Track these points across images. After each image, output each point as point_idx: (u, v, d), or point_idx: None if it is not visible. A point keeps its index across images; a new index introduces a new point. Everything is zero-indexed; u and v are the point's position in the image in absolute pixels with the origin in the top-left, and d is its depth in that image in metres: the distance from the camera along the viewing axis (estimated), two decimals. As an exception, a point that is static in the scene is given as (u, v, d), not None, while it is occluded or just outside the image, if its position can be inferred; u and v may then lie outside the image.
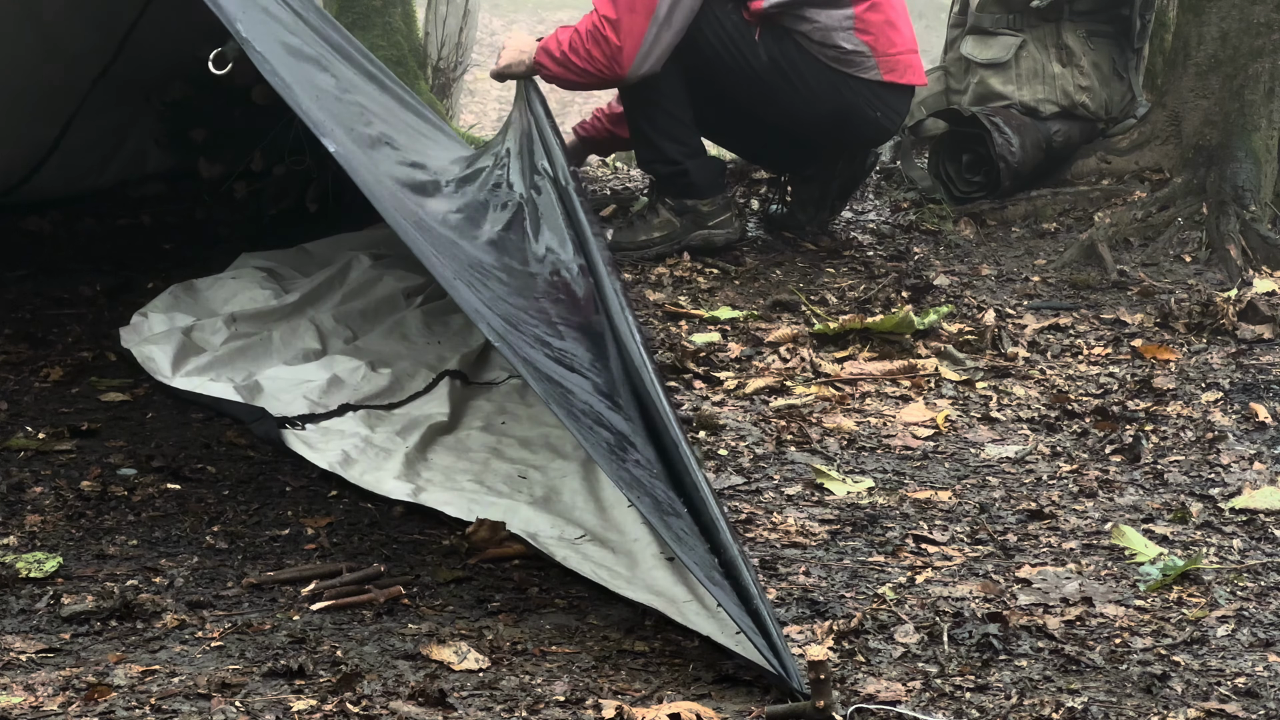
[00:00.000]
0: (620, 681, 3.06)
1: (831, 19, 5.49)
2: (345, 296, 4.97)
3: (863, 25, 5.53)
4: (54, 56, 5.64)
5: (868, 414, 4.59)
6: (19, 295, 5.29)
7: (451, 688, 2.99)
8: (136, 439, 4.26)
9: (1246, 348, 5.13)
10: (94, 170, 6.02)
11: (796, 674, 2.92)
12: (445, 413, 4.32)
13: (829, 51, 5.52)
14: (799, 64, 5.53)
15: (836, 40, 5.51)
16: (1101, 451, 4.36)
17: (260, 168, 5.77)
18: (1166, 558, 3.66)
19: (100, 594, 3.35)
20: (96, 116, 5.89)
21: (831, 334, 5.05)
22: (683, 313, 5.30)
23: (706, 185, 5.69)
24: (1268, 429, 4.52)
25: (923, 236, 6.15)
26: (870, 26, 5.54)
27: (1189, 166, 6.20)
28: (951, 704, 2.99)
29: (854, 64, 5.54)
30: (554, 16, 16.26)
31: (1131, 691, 3.07)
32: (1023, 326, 5.29)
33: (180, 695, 2.93)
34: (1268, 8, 6.19)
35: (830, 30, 5.50)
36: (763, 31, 5.50)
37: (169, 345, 4.66)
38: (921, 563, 3.66)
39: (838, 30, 5.51)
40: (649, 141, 5.69)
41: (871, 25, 5.54)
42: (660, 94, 5.52)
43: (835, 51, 5.52)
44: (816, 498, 4.04)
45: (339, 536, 3.73)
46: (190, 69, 5.78)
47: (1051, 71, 6.51)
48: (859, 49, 5.53)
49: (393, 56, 8.14)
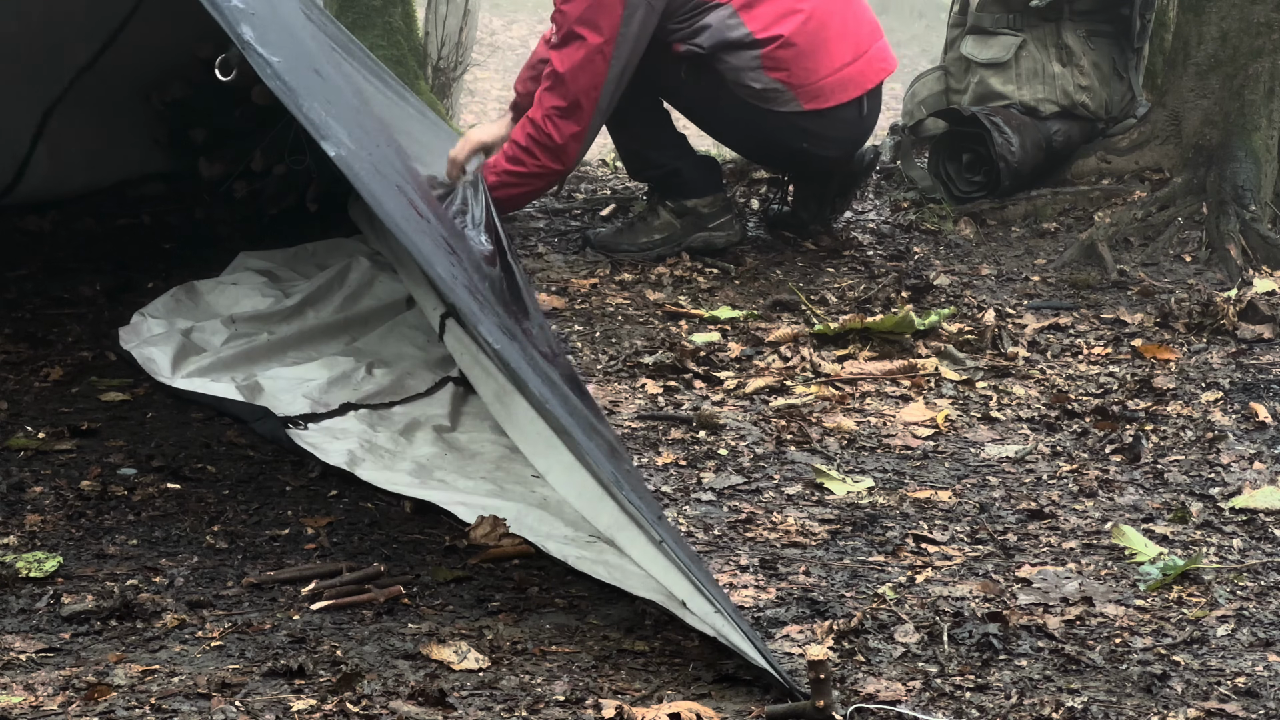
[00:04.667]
0: (620, 681, 3.06)
1: (740, 60, 5.45)
2: (345, 298, 4.97)
3: (772, 63, 5.46)
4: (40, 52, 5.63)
5: (868, 414, 4.59)
6: (19, 295, 5.29)
7: (451, 687, 2.99)
8: (136, 439, 4.26)
9: (1246, 348, 5.13)
10: (94, 171, 6.02)
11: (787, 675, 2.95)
12: (447, 414, 4.32)
13: (742, 90, 5.50)
14: (720, 99, 5.53)
15: (746, 80, 5.48)
16: (1101, 451, 4.37)
17: (260, 168, 5.76)
18: (1166, 557, 3.66)
19: (100, 594, 3.36)
20: (94, 116, 5.88)
21: (831, 334, 5.06)
22: (683, 312, 5.30)
23: (702, 183, 5.71)
24: (1268, 429, 4.52)
25: (923, 236, 6.15)
26: (782, 63, 5.47)
27: (1189, 166, 6.20)
28: (951, 704, 2.99)
29: (769, 99, 5.51)
30: (554, 16, 16.24)
31: (1131, 691, 3.07)
32: (1023, 326, 5.29)
33: (180, 695, 2.93)
34: (1268, 8, 6.19)
35: (740, 71, 5.47)
36: (687, 68, 5.50)
37: (169, 346, 4.67)
38: (921, 562, 3.66)
39: (746, 70, 5.47)
40: (634, 154, 5.79)
41: (783, 61, 5.47)
42: (630, 117, 5.59)
43: (747, 90, 5.50)
44: (816, 497, 4.04)
45: (339, 536, 3.74)
46: (190, 69, 5.82)
47: (1051, 71, 6.51)
48: (771, 86, 5.49)
49: (393, 56, 8.13)
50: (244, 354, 4.62)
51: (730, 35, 5.42)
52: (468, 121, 9.82)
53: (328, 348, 4.72)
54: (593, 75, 5.25)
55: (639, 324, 5.20)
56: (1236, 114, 6.18)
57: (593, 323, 5.19)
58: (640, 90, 5.47)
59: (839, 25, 5.58)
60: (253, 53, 3.63)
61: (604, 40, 5.24)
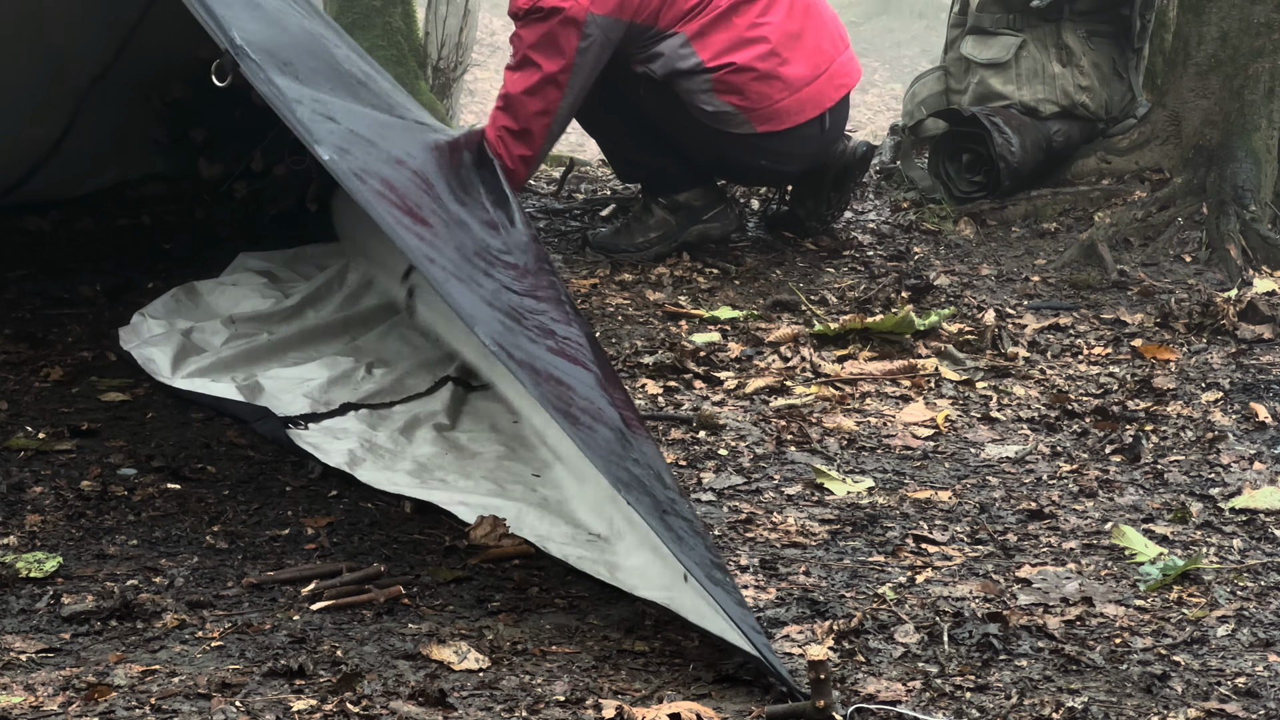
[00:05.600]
0: (620, 681, 3.06)
1: (693, 84, 5.45)
2: (345, 298, 4.97)
3: (724, 87, 5.45)
4: (54, 57, 5.64)
5: (868, 414, 4.59)
6: (19, 295, 5.29)
7: (451, 687, 2.99)
8: (136, 439, 4.26)
9: (1246, 348, 5.13)
10: (93, 171, 6.02)
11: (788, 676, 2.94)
12: (447, 413, 4.32)
13: (696, 111, 5.50)
14: (677, 118, 5.54)
15: (699, 103, 5.48)
16: (1101, 451, 4.37)
17: (260, 168, 5.77)
18: (1166, 558, 3.66)
19: (100, 594, 3.36)
20: (97, 117, 5.88)
21: (831, 334, 5.06)
22: (683, 313, 5.30)
23: (690, 176, 5.73)
24: (1268, 429, 4.52)
25: (923, 236, 6.15)
26: (734, 87, 5.46)
27: (1189, 166, 6.21)
28: (951, 704, 2.99)
29: (723, 121, 5.51)
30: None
31: (1131, 691, 3.07)
32: (1023, 326, 5.29)
33: (180, 695, 2.93)
34: (1268, 8, 6.20)
35: (692, 93, 5.47)
36: (645, 87, 5.51)
37: (169, 346, 4.67)
38: (921, 563, 3.66)
39: (698, 93, 5.47)
40: (619, 158, 5.85)
41: (736, 85, 5.46)
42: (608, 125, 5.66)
43: (700, 113, 5.50)
44: (816, 498, 4.04)
45: (339, 536, 3.73)
46: (190, 69, 5.81)
47: (1051, 71, 6.51)
48: (723, 110, 5.49)
49: (393, 56, 8.14)
50: (244, 354, 4.63)
51: (681, 65, 5.44)
52: (467, 122, 9.82)
53: (328, 348, 4.72)
54: (545, 102, 5.23)
55: (639, 324, 5.21)
56: (1236, 114, 6.18)
57: (593, 323, 5.19)
58: (611, 97, 5.49)
59: (800, 45, 5.55)
60: (245, 58, 3.64)
61: (558, 70, 5.22)
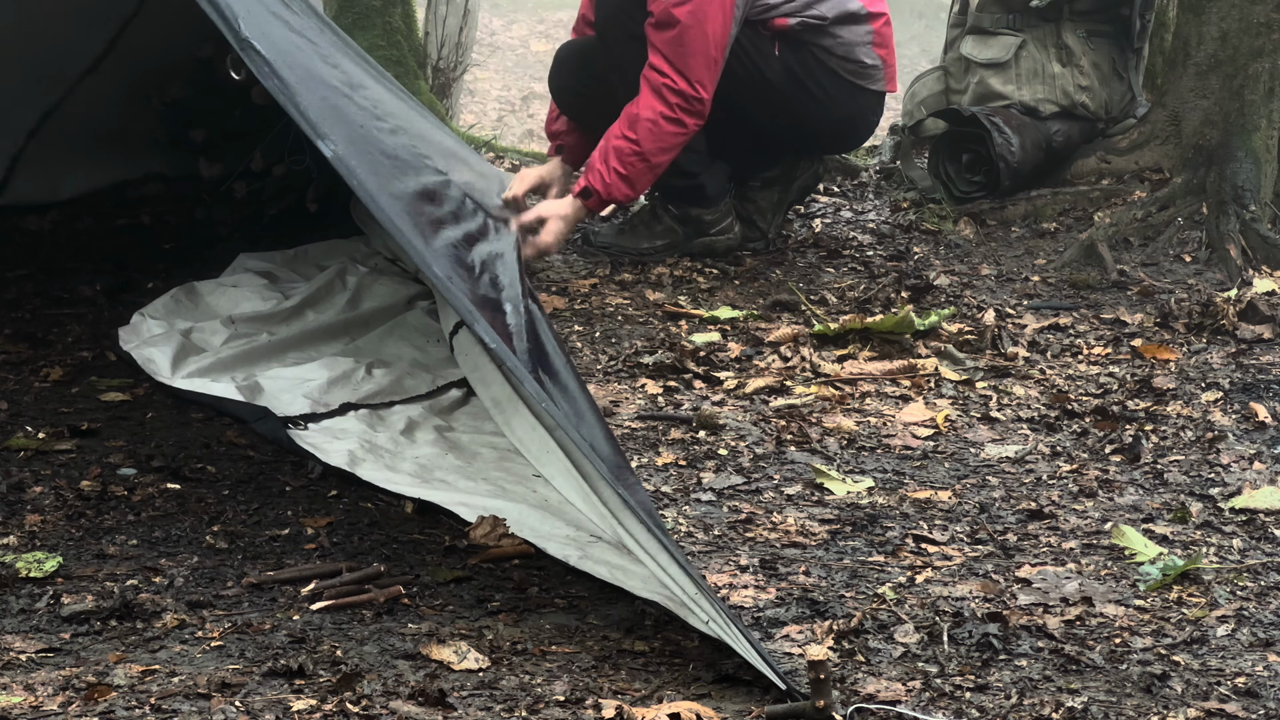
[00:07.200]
0: (620, 681, 3.06)
1: (855, 35, 5.58)
2: (345, 299, 4.97)
3: (880, 39, 5.64)
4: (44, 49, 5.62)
5: (868, 414, 4.59)
6: (19, 295, 5.29)
7: (451, 687, 2.99)
8: (136, 439, 4.26)
9: (1246, 348, 5.13)
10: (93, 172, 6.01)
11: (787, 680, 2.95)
12: (447, 414, 4.32)
13: (849, 65, 5.60)
14: (817, 75, 5.59)
15: (858, 55, 5.60)
16: (1101, 451, 4.37)
17: (260, 168, 5.77)
18: (1166, 557, 3.66)
19: (100, 594, 3.36)
20: (96, 116, 5.88)
21: (831, 334, 5.06)
22: (683, 313, 5.30)
23: (716, 194, 5.73)
24: (1268, 429, 4.52)
25: (923, 236, 6.15)
26: (886, 40, 5.66)
27: (1189, 166, 6.20)
28: (951, 704, 2.99)
29: (868, 77, 5.64)
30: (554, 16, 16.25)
31: (1131, 691, 3.07)
32: (1023, 326, 5.29)
33: (180, 695, 2.93)
34: (1268, 8, 6.19)
35: (853, 45, 5.59)
36: (781, 46, 5.56)
37: (169, 346, 4.67)
38: (921, 562, 3.66)
39: (859, 45, 5.60)
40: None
41: (886, 39, 5.67)
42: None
43: (855, 65, 5.61)
44: (816, 497, 4.04)
45: (339, 536, 3.74)
46: (190, 69, 5.82)
47: (1051, 71, 6.51)
48: (876, 63, 5.64)
49: (393, 56, 8.13)
50: (244, 354, 4.63)
51: (849, 7, 5.57)
52: (468, 122, 9.81)
53: (328, 348, 4.72)
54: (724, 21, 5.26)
55: (639, 324, 5.21)
56: (1236, 114, 6.18)
57: (593, 323, 5.19)
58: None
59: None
60: (252, 52, 3.63)
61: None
